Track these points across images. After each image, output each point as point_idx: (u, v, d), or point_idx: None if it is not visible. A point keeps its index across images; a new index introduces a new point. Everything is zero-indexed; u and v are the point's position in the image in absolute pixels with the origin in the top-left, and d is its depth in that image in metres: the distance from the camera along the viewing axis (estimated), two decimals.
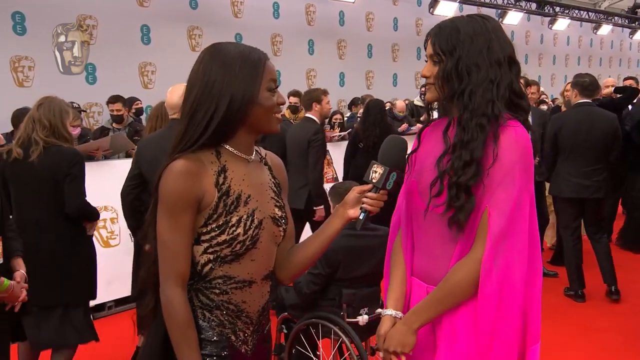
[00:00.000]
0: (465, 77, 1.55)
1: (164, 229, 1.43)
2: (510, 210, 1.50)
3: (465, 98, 1.54)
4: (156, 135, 3.42)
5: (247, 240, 1.47)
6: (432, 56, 1.61)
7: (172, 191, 1.41)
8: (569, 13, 14.99)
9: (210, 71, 1.44)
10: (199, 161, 1.44)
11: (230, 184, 1.47)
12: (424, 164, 1.66)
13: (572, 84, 4.93)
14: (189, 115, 1.45)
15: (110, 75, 7.97)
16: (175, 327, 1.43)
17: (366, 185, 1.57)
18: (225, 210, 1.45)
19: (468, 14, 1.67)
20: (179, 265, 1.44)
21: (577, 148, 4.68)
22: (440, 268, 1.61)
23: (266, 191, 1.57)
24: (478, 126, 1.52)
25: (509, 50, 1.60)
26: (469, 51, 1.55)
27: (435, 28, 1.63)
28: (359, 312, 2.93)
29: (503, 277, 1.51)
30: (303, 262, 1.65)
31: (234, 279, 1.50)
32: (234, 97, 1.42)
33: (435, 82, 1.61)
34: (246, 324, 1.55)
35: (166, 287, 1.44)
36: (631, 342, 4.06)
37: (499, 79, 1.55)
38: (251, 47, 1.50)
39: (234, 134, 1.48)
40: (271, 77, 1.48)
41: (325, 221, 1.63)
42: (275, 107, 1.50)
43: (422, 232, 1.69)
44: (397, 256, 1.79)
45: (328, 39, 11.02)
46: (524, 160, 1.53)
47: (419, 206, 1.67)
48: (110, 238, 4.81)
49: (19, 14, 7.26)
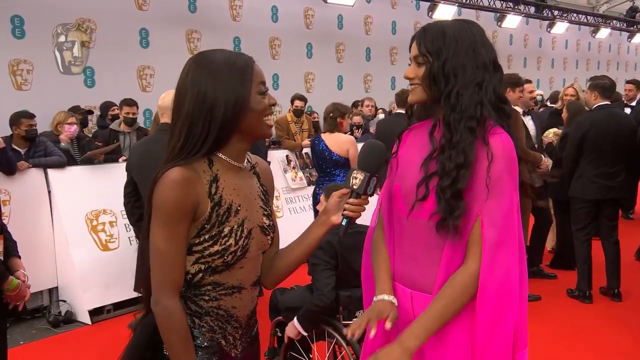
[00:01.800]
0: (452, 78, 1.54)
1: (159, 238, 1.42)
2: (502, 220, 1.50)
3: (452, 99, 1.54)
4: (146, 140, 3.44)
5: (238, 250, 1.47)
6: (417, 57, 1.60)
7: (168, 200, 1.39)
8: (568, 16, 15.01)
9: (199, 81, 1.43)
10: (193, 169, 1.43)
11: (222, 194, 1.46)
12: (407, 167, 1.65)
13: (590, 85, 4.89)
14: (186, 127, 1.43)
15: (109, 79, 7.96)
16: (177, 338, 1.43)
17: (344, 189, 1.56)
18: (218, 220, 1.45)
19: (454, 19, 1.67)
20: (175, 275, 1.44)
21: (603, 149, 4.69)
22: (426, 274, 1.59)
23: (255, 200, 1.56)
24: (467, 129, 1.51)
25: (493, 54, 1.60)
26: (455, 52, 1.55)
27: (420, 30, 1.63)
28: (355, 314, 2.94)
29: (500, 286, 1.50)
30: (287, 268, 1.65)
31: (223, 286, 1.50)
32: (227, 105, 1.41)
33: (420, 83, 1.60)
34: (235, 328, 1.55)
35: (163, 298, 1.43)
36: (632, 345, 4.05)
37: (486, 81, 1.56)
38: (237, 52, 1.50)
39: (228, 141, 1.47)
40: (260, 80, 1.48)
41: (308, 227, 1.63)
42: (267, 110, 1.49)
43: (404, 237, 1.67)
44: (379, 255, 1.74)
45: (326, 42, 11.02)
46: (511, 168, 1.53)
47: (402, 210, 1.65)
48: (109, 242, 4.81)
49: (18, 18, 7.26)
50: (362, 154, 1.60)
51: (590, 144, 4.71)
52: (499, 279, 1.50)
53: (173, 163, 1.42)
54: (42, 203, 4.80)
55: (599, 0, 16.92)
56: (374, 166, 1.57)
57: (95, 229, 4.84)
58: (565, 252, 5.52)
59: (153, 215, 1.43)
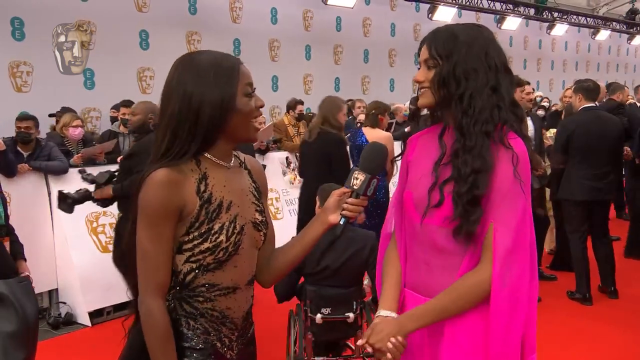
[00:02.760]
0: (462, 81, 1.52)
1: (144, 239, 1.42)
2: (515, 226, 1.49)
3: (464, 102, 1.52)
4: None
5: (229, 246, 1.47)
6: (427, 60, 1.59)
7: (153, 201, 1.39)
8: (567, 18, 15.02)
9: (186, 83, 1.43)
10: (180, 170, 1.42)
11: (211, 191, 1.46)
12: (418, 173, 1.64)
13: (575, 89, 4.98)
14: (171, 129, 1.43)
15: (109, 80, 7.96)
16: (154, 338, 1.43)
17: (344, 188, 1.57)
18: (207, 217, 1.44)
19: (464, 22, 1.66)
20: (160, 276, 1.43)
21: (589, 151, 4.72)
22: (441, 281, 1.58)
23: (247, 196, 1.56)
24: (483, 133, 1.49)
25: (504, 58, 1.59)
26: (467, 55, 1.53)
27: (430, 34, 1.61)
28: (321, 310, 3.09)
29: (512, 293, 1.49)
30: (284, 267, 1.65)
31: (217, 286, 1.49)
32: (212, 106, 1.41)
33: (430, 86, 1.58)
34: (231, 329, 1.54)
35: (146, 298, 1.43)
36: (632, 345, 4.06)
37: (499, 84, 1.54)
38: (224, 53, 1.50)
39: (214, 143, 1.47)
40: (247, 82, 1.47)
41: (306, 226, 1.63)
42: (254, 112, 1.49)
43: (416, 243, 1.66)
44: (391, 264, 1.74)
45: (325, 44, 11.03)
46: (524, 173, 1.52)
47: (414, 217, 1.64)
48: (110, 243, 4.80)
49: (18, 20, 7.26)
50: (364, 155, 1.60)
51: (576, 146, 4.75)
52: (512, 285, 1.49)
53: (159, 164, 1.42)
54: (42, 204, 4.80)
55: (598, 2, 16.92)
56: (375, 168, 1.57)
57: (96, 231, 4.85)
58: (564, 254, 5.51)
59: (138, 216, 1.43)
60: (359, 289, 3.20)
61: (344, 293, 3.12)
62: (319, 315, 3.08)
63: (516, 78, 4.80)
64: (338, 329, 3.15)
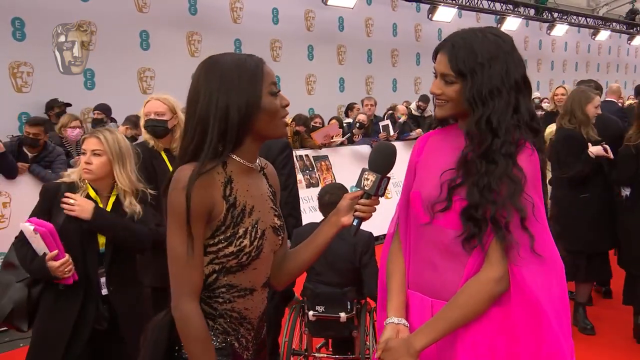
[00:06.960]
0: (489, 102, 1.51)
1: (176, 243, 1.41)
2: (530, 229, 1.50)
3: (494, 124, 1.50)
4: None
5: (252, 251, 1.47)
6: (445, 75, 1.56)
7: (183, 204, 1.39)
8: (567, 19, 15.03)
9: (211, 86, 1.43)
10: (208, 173, 1.42)
11: (236, 195, 1.46)
12: (428, 174, 1.64)
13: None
14: (199, 132, 1.43)
15: (109, 81, 7.95)
16: (195, 343, 1.42)
17: (357, 191, 1.57)
18: (233, 222, 1.45)
19: (479, 29, 1.59)
20: (194, 279, 1.43)
21: None
22: (448, 282, 1.58)
23: (266, 201, 1.57)
24: (507, 155, 1.49)
25: (522, 70, 1.58)
26: (490, 75, 1.51)
27: (447, 45, 1.57)
28: (315, 307, 3.16)
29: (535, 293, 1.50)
30: (296, 269, 1.65)
31: (236, 288, 1.49)
32: (239, 108, 1.41)
33: (449, 100, 1.57)
34: (248, 330, 1.55)
35: (181, 303, 1.42)
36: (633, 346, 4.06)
37: (521, 104, 1.53)
38: (247, 54, 1.50)
39: (241, 143, 1.47)
40: (271, 81, 1.48)
41: (317, 228, 1.63)
42: (280, 111, 1.49)
43: (422, 243, 1.65)
44: (395, 265, 1.73)
45: (327, 44, 11.02)
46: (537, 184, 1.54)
47: (420, 217, 1.64)
48: None
49: (19, 20, 7.26)
50: (373, 155, 1.60)
51: None
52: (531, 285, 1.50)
53: (187, 166, 1.42)
54: None
55: (598, 3, 16.93)
56: (385, 167, 1.57)
57: None
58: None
59: (169, 219, 1.42)
60: (354, 290, 3.21)
61: (339, 293, 3.15)
62: (311, 313, 3.16)
63: None
64: (331, 327, 3.21)
